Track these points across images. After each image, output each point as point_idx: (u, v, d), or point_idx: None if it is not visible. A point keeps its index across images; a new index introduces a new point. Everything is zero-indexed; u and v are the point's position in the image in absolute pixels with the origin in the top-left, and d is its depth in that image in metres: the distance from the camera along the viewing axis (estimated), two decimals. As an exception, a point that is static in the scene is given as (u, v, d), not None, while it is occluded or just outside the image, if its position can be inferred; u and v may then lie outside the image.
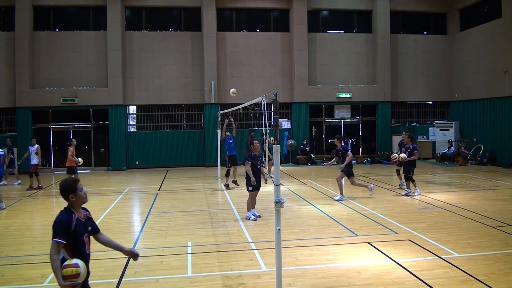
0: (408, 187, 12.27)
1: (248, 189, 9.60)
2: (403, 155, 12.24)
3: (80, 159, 14.05)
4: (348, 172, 11.65)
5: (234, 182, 14.32)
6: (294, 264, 6.62)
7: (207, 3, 20.46)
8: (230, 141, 14.29)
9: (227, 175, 14.21)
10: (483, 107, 20.18)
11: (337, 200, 11.52)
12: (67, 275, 3.59)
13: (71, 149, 13.88)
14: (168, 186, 15.08)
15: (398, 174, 13.45)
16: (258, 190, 9.72)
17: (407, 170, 12.15)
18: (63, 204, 4.00)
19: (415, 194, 12.10)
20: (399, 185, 13.39)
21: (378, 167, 19.60)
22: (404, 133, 12.99)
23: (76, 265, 3.65)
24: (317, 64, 21.70)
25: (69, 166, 13.99)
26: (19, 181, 16.10)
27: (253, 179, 9.38)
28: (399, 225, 8.89)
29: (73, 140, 14.50)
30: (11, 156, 16.06)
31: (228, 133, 14.38)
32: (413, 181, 12.18)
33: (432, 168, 18.96)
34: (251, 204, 9.67)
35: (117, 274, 6.33)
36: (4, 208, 11.30)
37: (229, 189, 13.95)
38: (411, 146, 12.24)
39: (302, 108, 21.34)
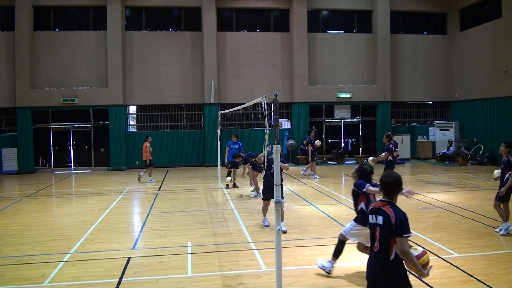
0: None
1: (262, 198, 9.12)
2: (370, 158, 12.34)
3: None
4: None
5: (234, 185, 14.29)
6: (294, 264, 6.62)
7: (207, 3, 20.46)
8: (236, 147, 14.20)
9: (229, 175, 14.20)
10: (483, 107, 20.18)
11: None
12: (424, 263, 3.69)
13: (148, 145, 15.65)
14: (168, 186, 15.08)
15: None
16: (270, 199, 8.78)
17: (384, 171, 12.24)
18: (63, 204, 3.99)
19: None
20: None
21: (378, 167, 19.55)
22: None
23: (425, 252, 3.78)
24: (317, 64, 21.70)
25: (148, 160, 15.80)
26: None
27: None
28: (399, 225, 8.87)
29: (149, 136, 16.20)
30: None
31: (234, 138, 14.33)
32: None
33: (432, 168, 18.97)
34: (265, 210, 9.07)
35: (117, 274, 6.34)
36: None
37: (228, 188, 13.98)
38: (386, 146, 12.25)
39: (302, 108, 21.33)
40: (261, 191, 10.40)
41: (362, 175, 6.07)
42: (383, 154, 12.16)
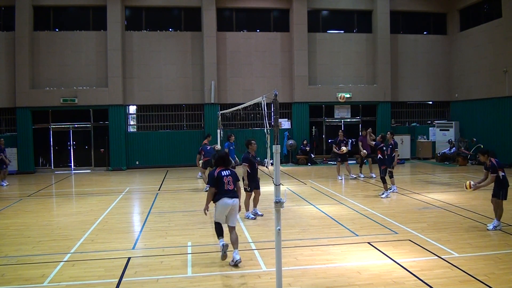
0: (386, 188, 12.22)
1: (245, 190, 9.59)
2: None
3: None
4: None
5: None
6: (294, 264, 6.62)
7: (207, 3, 20.46)
8: (232, 148, 14.35)
9: None
10: (483, 107, 20.18)
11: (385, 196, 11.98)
12: None
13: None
14: (168, 186, 15.07)
15: (391, 177, 12.80)
16: (257, 189, 9.88)
17: (380, 170, 12.30)
18: (63, 204, 4.00)
19: (383, 195, 12.02)
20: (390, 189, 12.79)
21: (376, 167, 19.57)
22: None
23: None
24: (317, 64, 21.70)
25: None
26: (7, 182, 15.74)
27: (245, 182, 9.51)
28: (399, 225, 8.89)
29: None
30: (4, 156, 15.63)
31: (233, 138, 14.42)
32: (384, 182, 12.15)
33: (432, 168, 18.97)
34: (247, 203, 9.81)
35: (117, 274, 6.34)
36: None
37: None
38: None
39: (302, 108, 21.33)
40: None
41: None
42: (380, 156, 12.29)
